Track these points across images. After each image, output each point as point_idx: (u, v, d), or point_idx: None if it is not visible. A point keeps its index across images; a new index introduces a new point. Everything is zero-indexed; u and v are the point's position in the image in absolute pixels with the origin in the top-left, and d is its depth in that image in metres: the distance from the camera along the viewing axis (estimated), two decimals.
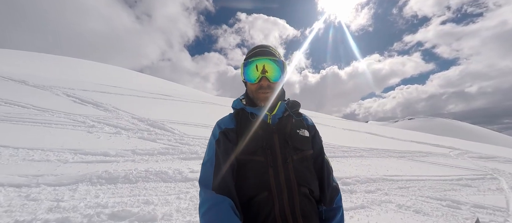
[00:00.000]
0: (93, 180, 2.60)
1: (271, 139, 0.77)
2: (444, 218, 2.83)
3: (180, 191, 2.70)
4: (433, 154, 7.50)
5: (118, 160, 3.36)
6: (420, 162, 6.17)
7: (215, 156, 0.75)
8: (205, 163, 0.77)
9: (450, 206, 3.24)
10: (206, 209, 0.66)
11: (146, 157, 3.64)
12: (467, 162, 6.90)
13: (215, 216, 0.64)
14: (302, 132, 0.83)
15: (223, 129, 0.81)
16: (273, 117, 0.84)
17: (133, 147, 3.96)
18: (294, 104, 0.90)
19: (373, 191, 3.66)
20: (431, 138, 13.23)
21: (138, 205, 2.18)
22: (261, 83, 0.81)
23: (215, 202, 0.66)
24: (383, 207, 3.03)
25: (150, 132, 5.06)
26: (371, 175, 4.40)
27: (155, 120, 5.97)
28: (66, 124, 4.64)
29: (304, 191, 0.74)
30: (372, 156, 6.21)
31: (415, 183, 4.19)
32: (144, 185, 2.71)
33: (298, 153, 0.78)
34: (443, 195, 3.68)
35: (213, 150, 0.77)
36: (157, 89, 14.79)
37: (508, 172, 5.81)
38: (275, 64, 0.82)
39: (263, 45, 0.88)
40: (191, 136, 5.27)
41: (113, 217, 1.89)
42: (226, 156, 0.75)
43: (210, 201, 0.67)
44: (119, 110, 6.51)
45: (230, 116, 0.88)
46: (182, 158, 3.90)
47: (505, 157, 8.33)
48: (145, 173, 2.98)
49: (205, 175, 0.74)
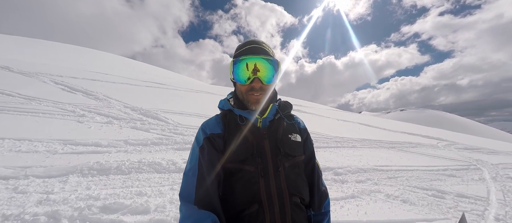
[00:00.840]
0: (84, 171, 2.56)
1: (262, 145, 0.72)
2: (429, 208, 2.96)
3: (174, 182, 2.70)
4: (422, 145, 7.74)
5: (110, 150, 3.31)
6: (409, 153, 6.37)
7: (198, 166, 0.69)
8: (187, 173, 0.70)
9: (435, 195, 3.39)
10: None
11: (139, 147, 3.60)
12: (454, 153, 7.17)
13: None
14: (294, 136, 0.78)
15: (209, 134, 0.74)
16: (264, 120, 0.77)
17: (125, 137, 3.89)
18: (286, 106, 0.83)
19: (364, 181, 3.77)
20: (421, 129, 13.62)
21: (130, 196, 2.18)
22: (253, 85, 0.74)
23: (197, 219, 0.59)
24: (372, 196, 3.14)
25: (143, 121, 4.98)
26: (362, 165, 4.52)
27: (148, 109, 5.86)
28: (54, 113, 4.49)
29: (295, 200, 0.69)
30: (364, 147, 6.36)
31: (403, 173, 4.34)
32: (137, 176, 2.70)
33: (289, 159, 0.73)
34: (429, 185, 3.84)
35: (196, 158, 0.71)
36: (150, 77, 14.42)
37: (490, 163, 6.09)
38: (268, 64, 0.74)
39: (255, 40, 0.79)
40: (185, 126, 5.22)
41: (105, 209, 1.88)
42: (210, 166, 0.68)
43: (192, 218, 0.60)
44: (110, 99, 6.34)
45: (216, 119, 0.80)
46: (176, 148, 3.87)
47: (489, 148, 8.69)
48: (138, 164, 2.95)
49: (187, 187, 0.67)
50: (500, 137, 73.31)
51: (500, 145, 10.91)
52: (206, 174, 0.67)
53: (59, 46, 20.75)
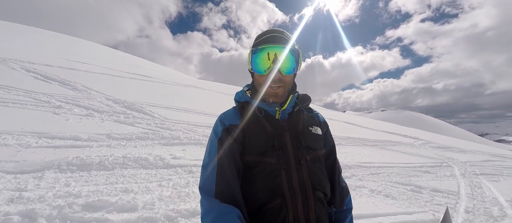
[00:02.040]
0: (63, 166, 2.38)
1: (282, 137, 0.68)
2: (409, 201, 3.16)
3: (162, 178, 2.61)
4: (401, 143, 8.22)
5: (91, 144, 3.10)
6: (390, 150, 6.74)
7: (217, 158, 0.65)
8: (205, 166, 0.66)
9: (413, 190, 3.62)
10: (210, 221, 0.57)
11: (123, 142, 3.42)
12: (428, 151, 7.72)
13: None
14: (315, 129, 0.75)
15: (227, 125, 0.70)
16: (282, 112, 0.74)
17: (108, 130, 3.67)
18: (305, 99, 0.81)
19: (349, 177, 3.93)
20: (400, 128, 14.47)
21: (116, 193, 2.06)
22: (272, 76, 0.69)
23: (220, 213, 0.56)
24: (357, 192, 3.28)
25: (127, 115, 4.73)
26: (347, 162, 4.70)
27: (132, 102, 5.58)
28: (26, 103, 4.11)
29: (319, 195, 0.67)
30: (349, 144, 6.62)
31: (385, 170, 4.59)
32: (122, 172, 2.56)
33: (311, 153, 0.70)
34: (408, 181, 4.10)
35: (215, 150, 0.67)
36: (134, 68, 13.72)
37: (460, 160, 6.64)
38: (290, 54, 0.70)
39: (276, 30, 0.74)
40: (172, 120, 5.05)
41: (88, 207, 1.76)
42: (231, 158, 0.65)
43: (214, 212, 0.57)
44: (90, 90, 5.93)
45: (234, 110, 0.77)
46: (163, 143, 3.74)
47: (458, 148, 9.48)
48: (122, 159, 2.81)
49: (207, 180, 0.64)
50: (467, 137, 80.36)
51: (467, 145, 11.94)
52: (227, 166, 0.64)
53: (31, 30, 18.92)
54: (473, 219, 2.88)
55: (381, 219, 2.51)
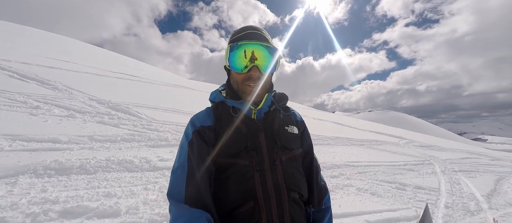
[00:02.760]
0: (39, 171, 2.24)
1: (257, 137, 0.66)
2: (393, 199, 3.27)
3: (148, 181, 2.52)
4: (387, 143, 8.52)
5: (72, 147, 2.95)
6: (376, 150, 6.97)
7: (187, 162, 0.63)
8: (175, 171, 0.64)
9: (398, 188, 3.76)
10: None
11: (107, 144, 3.28)
12: (412, 150, 8.05)
13: None
14: (291, 128, 0.73)
15: (198, 127, 0.68)
16: (258, 111, 0.72)
17: (90, 132, 3.51)
18: (282, 97, 0.79)
19: (337, 176, 4.01)
20: (386, 128, 15.02)
21: (97, 198, 1.96)
22: (250, 74, 0.68)
23: (189, 219, 0.54)
24: (345, 190, 3.36)
25: (112, 115, 4.55)
26: (336, 162, 4.80)
27: (117, 103, 5.37)
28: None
29: (293, 196, 0.65)
30: (337, 144, 6.76)
31: (371, 168, 4.73)
32: (105, 175, 2.45)
33: (286, 153, 0.69)
34: (393, 178, 4.24)
35: (185, 154, 0.64)
36: (120, 68, 13.24)
37: (441, 158, 6.99)
38: (267, 52, 0.68)
39: (254, 27, 0.73)
40: (160, 121, 4.92)
41: (66, 214, 1.66)
42: (201, 161, 0.63)
43: (184, 218, 0.55)
44: (72, 90, 5.65)
45: (207, 111, 0.74)
46: (150, 145, 3.63)
47: (439, 146, 9.97)
48: (105, 162, 2.69)
49: (176, 185, 0.62)
50: (447, 136, 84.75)
51: (447, 143, 12.61)
52: (196, 170, 0.62)
53: (7, 26, 17.73)
54: (452, 214, 3.03)
55: (367, 216, 2.58)
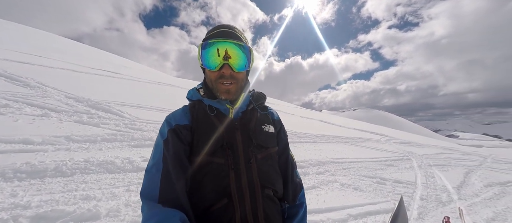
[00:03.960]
0: (8, 174, 2.07)
1: (233, 136, 0.68)
2: (374, 193, 3.45)
3: (131, 182, 2.44)
4: (370, 140, 8.92)
5: (46, 148, 2.76)
6: (360, 147, 7.27)
7: (162, 160, 0.62)
8: (149, 170, 0.63)
9: (379, 182, 3.96)
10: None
11: (86, 145, 3.11)
12: (392, 146, 8.50)
13: None
14: (267, 127, 0.75)
15: (174, 126, 0.67)
16: (236, 110, 0.73)
17: (67, 132, 3.31)
18: (260, 97, 0.80)
19: (323, 173, 4.13)
20: (369, 126, 15.71)
21: (74, 201, 1.86)
22: (223, 72, 0.68)
23: (162, 218, 0.52)
24: (330, 186, 3.47)
25: (91, 114, 4.32)
26: (321, 159, 4.94)
27: (98, 101, 5.11)
28: None
29: (268, 193, 0.67)
30: (323, 142, 6.96)
31: (355, 164, 4.93)
32: (83, 178, 2.33)
33: (262, 151, 0.70)
34: (374, 174, 4.46)
35: (160, 152, 0.64)
36: (101, 64, 12.57)
37: (418, 154, 7.44)
38: (240, 51, 0.69)
39: (227, 25, 0.72)
40: (144, 120, 4.76)
41: (38, 219, 1.56)
42: (176, 160, 0.62)
43: (156, 218, 0.53)
44: (46, 87, 5.28)
45: (184, 110, 0.74)
46: (133, 145, 3.50)
47: (417, 142, 10.62)
48: (84, 164, 2.55)
49: (150, 184, 0.60)
50: (424, 133, 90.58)
51: (424, 140, 13.46)
52: (172, 168, 0.61)
53: None
54: (427, 205, 3.26)
55: (349, 210, 2.69)
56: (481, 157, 8.54)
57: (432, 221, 2.75)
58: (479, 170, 6.17)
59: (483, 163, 7.46)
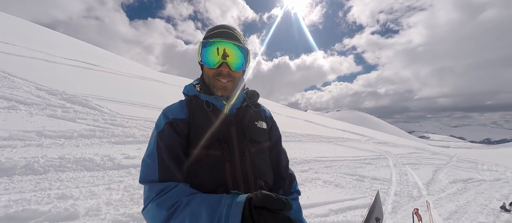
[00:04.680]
0: None
1: (229, 131, 0.72)
2: (354, 189, 3.64)
3: (111, 181, 2.33)
4: (351, 140, 9.36)
5: (14, 144, 2.54)
6: (341, 146, 7.60)
7: (157, 150, 0.64)
8: (145, 159, 0.65)
9: (358, 179, 4.19)
10: (153, 196, 0.57)
11: (61, 141, 2.91)
12: (371, 146, 9.00)
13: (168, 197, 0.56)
14: (260, 124, 0.79)
15: (171, 119, 0.70)
16: (231, 107, 0.77)
17: (39, 127, 3.07)
18: (253, 95, 0.85)
19: (307, 171, 4.27)
20: (350, 127, 16.45)
21: (49, 201, 1.74)
22: (221, 70, 0.72)
23: (165, 187, 0.58)
24: (313, 183, 3.61)
25: (67, 108, 4.04)
26: (306, 157, 5.10)
27: (74, 94, 4.78)
28: None
29: (260, 183, 0.72)
30: (308, 141, 7.18)
31: (337, 163, 5.16)
32: (58, 176, 2.19)
33: (255, 145, 0.75)
34: (354, 171, 4.71)
35: (154, 142, 0.66)
36: (77, 54, 11.72)
37: (394, 153, 7.97)
38: (239, 51, 0.73)
39: (227, 26, 0.77)
40: (126, 116, 4.55)
41: (8, 220, 1.44)
42: (171, 151, 0.65)
43: (160, 187, 0.58)
44: (14, 78, 4.83)
45: (181, 104, 0.76)
46: (114, 141, 3.34)
47: (393, 142, 11.35)
48: (59, 161, 2.39)
49: (148, 171, 0.62)
50: (400, 134, 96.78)
51: (399, 140, 14.43)
52: (168, 157, 0.64)
53: None
54: (400, 200, 3.52)
55: (331, 206, 2.83)
56: (447, 157, 9.37)
57: (404, 214, 2.98)
58: (446, 168, 6.78)
59: (450, 162, 8.21)
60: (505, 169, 8.45)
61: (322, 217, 2.54)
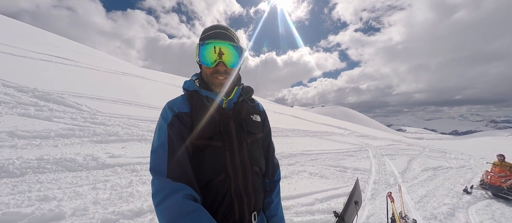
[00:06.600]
0: None
1: (227, 124, 0.79)
2: (337, 180, 3.87)
3: (97, 180, 2.26)
4: (335, 134, 9.79)
5: None
6: (326, 140, 7.94)
7: (168, 141, 0.69)
8: (155, 150, 0.69)
9: (341, 170, 4.44)
10: (161, 198, 0.62)
11: (37, 141, 2.74)
12: (353, 139, 9.50)
13: (171, 206, 0.61)
14: (255, 117, 0.88)
15: (177, 112, 0.75)
16: (229, 101, 0.84)
17: (10, 127, 2.85)
18: (248, 90, 0.93)
19: (293, 164, 4.44)
20: (334, 121, 17.14)
21: (30, 203, 1.66)
22: (218, 68, 0.78)
23: (171, 191, 0.62)
24: (300, 175, 3.77)
25: (40, 107, 3.77)
26: (292, 151, 5.28)
27: (47, 91, 4.46)
28: None
29: (255, 169, 0.82)
30: (295, 135, 7.40)
31: (321, 156, 5.40)
32: (37, 177, 2.07)
33: (251, 137, 0.83)
34: (338, 163, 4.98)
35: (165, 134, 0.71)
36: (48, 48, 10.80)
37: (373, 145, 8.49)
38: (233, 50, 0.79)
39: (222, 26, 0.83)
40: (107, 114, 4.36)
41: None
42: (181, 141, 0.71)
43: (166, 190, 0.63)
44: None
45: (183, 98, 0.82)
46: (96, 140, 3.20)
47: (373, 136, 12.06)
48: (37, 162, 2.26)
49: (158, 162, 0.67)
50: (379, 128, 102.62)
51: (379, 133, 15.35)
52: (177, 148, 0.70)
53: None
54: (378, 188, 3.81)
55: (316, 195, 3.00)
56: (421, 147, 10.20)
57: (381, 200, 3.25)
58: (419, 158, 7.40)
59: (422, 152, 8.95)
60: (469, 157, 9.43)
61: (308, 206, 2.69)
